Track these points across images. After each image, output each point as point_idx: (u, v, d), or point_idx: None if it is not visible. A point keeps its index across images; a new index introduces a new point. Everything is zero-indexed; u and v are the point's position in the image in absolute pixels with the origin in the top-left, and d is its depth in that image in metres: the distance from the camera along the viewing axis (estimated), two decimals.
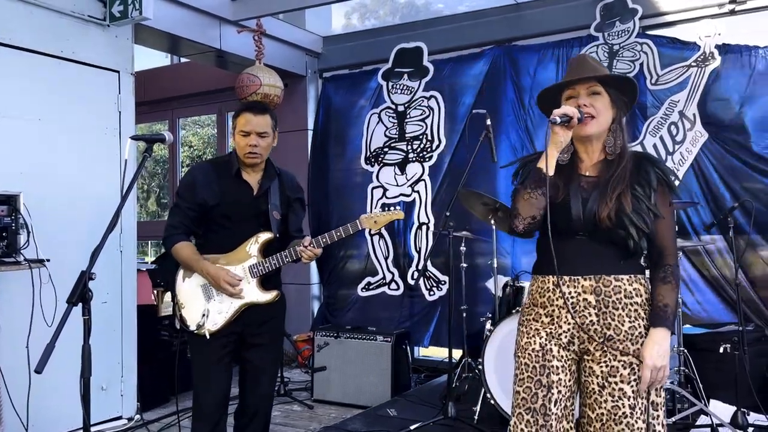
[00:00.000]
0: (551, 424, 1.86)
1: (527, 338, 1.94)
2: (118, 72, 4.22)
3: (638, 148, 4.64)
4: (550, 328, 1.91)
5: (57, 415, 3.65)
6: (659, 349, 1.80)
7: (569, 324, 1.89)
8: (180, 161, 7.53)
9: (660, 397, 1.86)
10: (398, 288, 5.46)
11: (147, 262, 6.11)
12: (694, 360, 3.63)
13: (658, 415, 1.84)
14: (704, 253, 4.41)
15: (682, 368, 3.63)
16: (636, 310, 1.86)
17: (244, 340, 2.69)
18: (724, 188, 4.36)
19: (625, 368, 1.83)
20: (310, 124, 5.98)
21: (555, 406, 1.87)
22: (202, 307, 2.63)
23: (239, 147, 2.66)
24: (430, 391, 4.54)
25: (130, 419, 4.14)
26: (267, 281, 2.68)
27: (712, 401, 3.63)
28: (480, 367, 3.64)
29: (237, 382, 2.80)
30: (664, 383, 1.85)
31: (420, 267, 5.32)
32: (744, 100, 4.34)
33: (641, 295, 1.87)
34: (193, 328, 2.61)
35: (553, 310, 1.92)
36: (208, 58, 5.45)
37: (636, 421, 1.81)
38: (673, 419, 3.40)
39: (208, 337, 2.58)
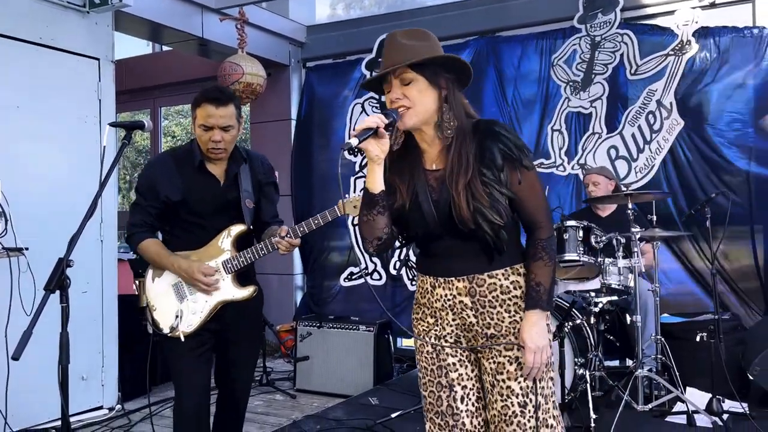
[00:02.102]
0: (462, 422, 1.78)
1: (420, 340, 1.86)
2: (98, 59, 4.17)
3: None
4: (436, 330, 1.82)
5: (37, 406, 3.63)
6: (537, 329, 1.70)
7: (452, 326, 1.80)
8: (162, 151, 7.46)
9: (549, 388, 1.76)
10: (381, 278, 5.48)
11: (129, 252, 6.06)
12: (671, 348, 3.69)
13: (549, 408, 1.75)
14: (682, 243, 4.47)
15: (659, 356, 3.69)
16: (516, 303, 1.75)
17: (222, 336, 2.54)
18: (700, 177, 4.41)
19: (511, 363, 1.74)
20: (293, 114, 5.96)
21: (463, 402, 1.79)
22: (175, 307, 2.46)
23: (201, 141, 2.44)
24: (412, 380, 4.55)
25: (111, 409, 4.13)
26: (242, 276, 2.51)
27: (688, 389, 3.69)
28: None
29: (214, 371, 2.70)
30: (549, 368, 1.76)
31: (402, 257, 5.34)
32: (718, 86, 4.38)
33: (520, 287, 1.76)
34: (166, 331, 2.45)
35: (435, 311, 1.82)
36: (190, 46, 5.40)
37: (528, 420, 1.72)
38: (650, 406, 3.46)
39: (183, 339, 2.42)
